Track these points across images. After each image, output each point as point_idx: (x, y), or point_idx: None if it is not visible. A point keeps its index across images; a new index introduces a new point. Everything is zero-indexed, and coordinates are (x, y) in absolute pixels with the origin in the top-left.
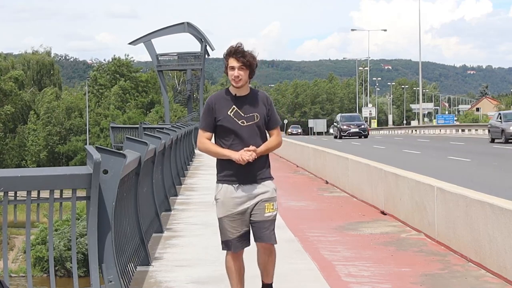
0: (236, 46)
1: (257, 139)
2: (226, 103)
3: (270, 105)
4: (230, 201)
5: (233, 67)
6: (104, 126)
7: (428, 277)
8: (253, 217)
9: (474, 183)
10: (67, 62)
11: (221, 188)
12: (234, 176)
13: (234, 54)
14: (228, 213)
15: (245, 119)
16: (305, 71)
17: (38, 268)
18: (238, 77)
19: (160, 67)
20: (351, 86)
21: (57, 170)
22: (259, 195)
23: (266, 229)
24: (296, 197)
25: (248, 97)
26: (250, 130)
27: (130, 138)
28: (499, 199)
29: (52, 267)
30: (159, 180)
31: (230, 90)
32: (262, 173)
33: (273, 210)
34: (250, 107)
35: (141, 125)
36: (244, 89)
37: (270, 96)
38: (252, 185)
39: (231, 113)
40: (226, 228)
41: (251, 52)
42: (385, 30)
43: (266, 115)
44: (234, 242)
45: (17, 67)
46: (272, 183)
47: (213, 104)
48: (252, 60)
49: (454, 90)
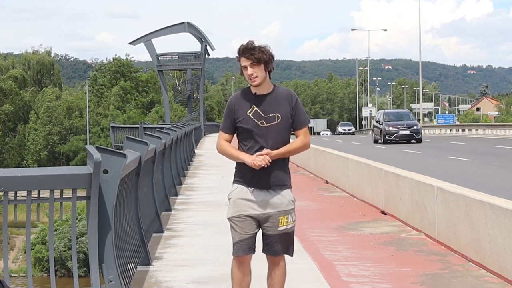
0: (245, 44)
1: (278, 142)
2: (246, 103)
3: (295, 104)
4: (243, 201)
5: (245, 67)
6: (105, 126)
7: (428, 277)
8: (265, 230)
9: (475, 183)
10: (67, 62)
11: (235, 188)
12: (250, 180)
13: (243, 52)
14: (238, 213)
15: (265, 119)
16: (305, 71)
17: (38, 268)
18: (253, 74)
19: (160, 67)
20: (351, 86)
21: (57, 170)
22: (273, 205)
23: (277, 243)
24: (296, 197)
25: (270, 96)
26: (270, 131)
27: (130, 138)
28: (500, 199)
29: (52, 267)
30: (159, 180)
31: (251, 89)
32: (278, 180)
33: (288, 223)
34: (271, 107)
35: (141, 125)
36: (264, 87)
37: (295, 94)
38: (268, 192)
39: (250, 113)
40: (234, 229)
41: (260, 47)
42: (385, 30)
43: (290, 115)
44: (241, 245)
45: (17, 67)
46: (290, 193)
47: (233, 104)
48: (263, 54)
49: (454, 90)
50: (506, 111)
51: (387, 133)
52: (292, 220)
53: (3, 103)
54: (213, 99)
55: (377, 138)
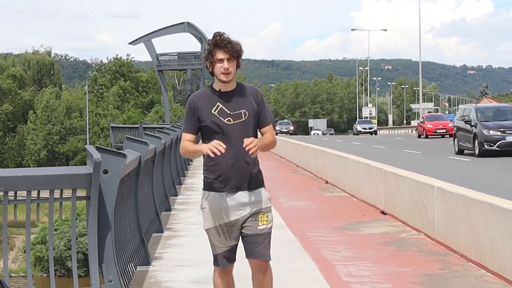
0: (220, 35)
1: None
2: (210, 100)
3: (260, 100)
4: (218, 210)
5: (221, 59)
6: (104, 126)
7: (428, 277)
8: (245, 230)
9: (474, 183)
10: (67, 62)
11: (207, 196)
12: (222, 183)
13: (221, 45)
14: (215, 224)
15: (232, 117)
16: (305, 71)
17: (38, 268)
18: (228, 69)
19: (160, 67)
20: (351, 86)
21: (57, 170)
22: (251, 205)
23: (260, 243)
24: (296, 197)
25: (235, 92)
26: (237, 129)
27: (130, 138)
28: (499, 199)
29: (52, 267)
30: (159, 180)
31: (214, 86)
32: (253, 180)
33: (268, 222)
34: (237, 104)
35: (141, 125)
36: (230, 84)
37: (260, 90)
38: (243, 193)
39: (215, 111)
40: (212, 241)
41: (237, 41)
42: (385, 30)
43: (256, 112)
44: (221, 258)
45: (17, 67)
46: (265, 192)
47: (194, 103)
48: (240, 49)
49: (454, 90)
50: None
51: (487, 140)
52: (271, 219)
53: (3, 103)
54: None
55: (465, 147)
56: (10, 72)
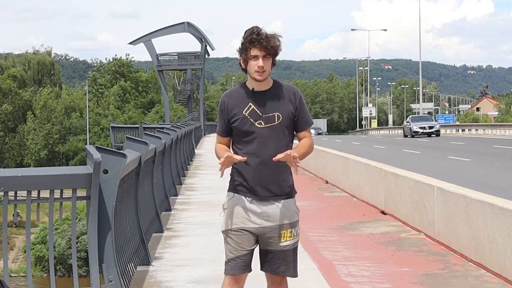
0: (258, 30)
1: (279, 145)
2: (242, 100)
3: (299, 102)
4: (240, 213)
5: (257, 56)
6: (105, 126)
7: (428, 277)
8: (265, 245)
9: (474, 183)
10: (67, 62)
11: (232, 197)
12: (248, 188)
13: (257, 41)
14: (234, 226)
15: (263, 119)
16: (305, 71)
17: (38, 268)
18: (263, 67)
19: (160, 67)
20: (351, 86)
21: (57, 170)
22: (275, 218)
23: (282, 260)
24: (297, 197)
25: (270, 92)
26: (269, 133)
27: (130, 138)
28: (499, 199)
29: (52, 267)
30: (159, 180)
31: (247, 84)
32: (281, 189)
33: (291, 238)
34: (270, 105)
35: (141, 125)
36: (265, 83)
37: (299, 91)
38: (269, 203)
39: (246, 112)
40: (229, 243)
41: (274, 36)
42: (385, 30)
43: (293, 115)
44: (237, 262)
45: (17, 67)
46: (294, 204)
47: (225, 103)
48: (278, 46)
49: (454, 90)
50: (506, 111)
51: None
52: (296, 234)
53: (3, 103)
54: (213, 99)
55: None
56: (10, 72)
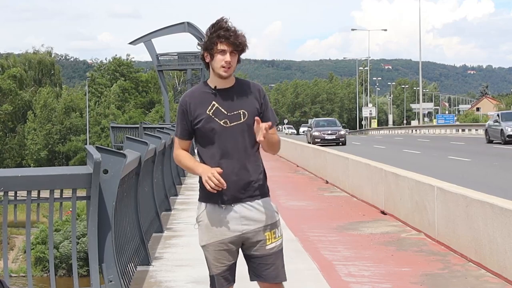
0: (226, 23)
1: (246, 145)
2: (204, 99)
3: (263, 99)
4: (216, 225)
5: (223, 51)
6: (105, 126)
7: (428, 277)
8: (250, 251)
9: (474, 183)
10: (67, 62)
11: (204, 208)
12: (221, 194)
13: (225, 36)
14: (212, 240)
15: (229, 118)
16: (305, 71)
17: (38, 268)
18: (230, 63)
19: (160, 67)
20: (351, 86)
21: (57, 170)
22: (255, 221)
23: (270, 265)
24: (296, 197)
25: (233, 90)
26: (235, 132)
27: (130, 138)
28: (499, 199)
29: (52, 267)
30: (159, 180)
31: (208, 82)
32: (255, 188)
33: (276, 239)
34: (235, 103)
35: (141, 125)
36: (228, 80)
37: (263, 88)
38: (245, 206)
39: (210, 111)
40: (208, 259)
41: (242, 33)
42: (385, 30)
43: (258, 112)
44: (218, 279)
45: (18, 66)
46: (271, 203)
47: (186, 104)
48: (246, 43)
49: (454, 90)
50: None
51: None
52: (279, 234)
53: (3, 103)
54: None
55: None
56: (11, 72)
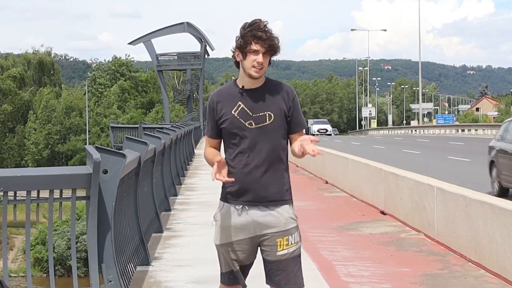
0: (263, 24)
1: (272, 148)
2: (231, 99)
3: (293, 102)
4: (228, 227)
5: (257, 51)
6: (106, 125)
7: (428, 277)
8: (263, 254)
9: (474, 183)
10: (67, 62)
11: (222, 207)
12: (238, 195)
13: (259, 36)
14: (226, 241)
15: (254, 119)
16: (305, 71)
17: (38, 268)
18: (262, 64)
19: (160, 67)
20: (351, 86)
21: (57, 170)
22: (268, 226)
23: (281, 271)
24: (296, 197)
25: (261, 90)
26: (260, 134)
27: (129, 138)
28: (499, 199)
29: (52, 267)
30: (158, 180)
31: (237, 81)
32: (273, 194)
33: (289, 246)
34: (261, 104)
35: (141, 125)
36: (257, 80)
37: (293, 90)
38: (261, 210)
39: (235, 112)
40: (220, 258)
41: (275, 35)
42: (385, 30)
43: (285, 115)
44: (228, 276)
45: (17, 66)
46: (289, 209)
47: (214, 102)
48: (278, 46)
49: (454, 90)
50: (505, 111)
51: None
52: (293, 241)
53: (3, 103)
54: None
55: None
56: (11, 72)
